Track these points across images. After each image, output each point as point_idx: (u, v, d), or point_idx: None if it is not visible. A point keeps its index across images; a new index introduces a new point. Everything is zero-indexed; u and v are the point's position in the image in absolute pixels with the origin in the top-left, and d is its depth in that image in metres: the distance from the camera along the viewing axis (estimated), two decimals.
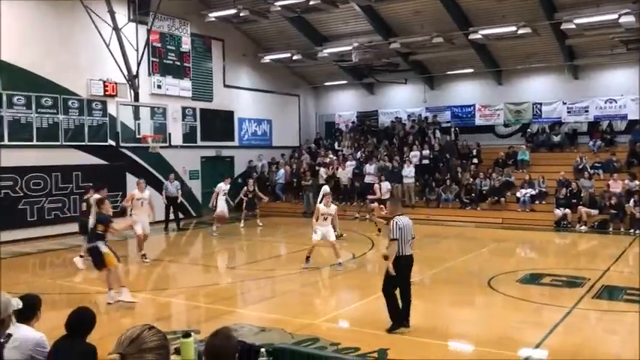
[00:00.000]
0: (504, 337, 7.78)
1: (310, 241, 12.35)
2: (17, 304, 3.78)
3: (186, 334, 3.94)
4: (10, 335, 3.76)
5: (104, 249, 9.39)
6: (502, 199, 19.73)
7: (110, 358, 2.05)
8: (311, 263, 12.13)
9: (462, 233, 17.57)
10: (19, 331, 3.96)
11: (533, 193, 19.55)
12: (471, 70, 23.43)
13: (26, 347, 4.08)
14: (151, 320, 8.81)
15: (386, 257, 7.88)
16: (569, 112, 22.52)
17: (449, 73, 24.17)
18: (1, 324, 3.70)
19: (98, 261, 9.47)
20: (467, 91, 24.76)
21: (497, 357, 6.85)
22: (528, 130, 23.25)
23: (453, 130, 23.89)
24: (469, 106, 24.53)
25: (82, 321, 4.47)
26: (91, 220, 9.80)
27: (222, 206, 17.58)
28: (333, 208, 12.69)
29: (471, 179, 20.89)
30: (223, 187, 17.74)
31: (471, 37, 19.69)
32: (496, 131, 24.09)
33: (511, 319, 8.76)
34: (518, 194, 19.69)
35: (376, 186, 19.83)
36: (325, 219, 12.35)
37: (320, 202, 12.89)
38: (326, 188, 14.98)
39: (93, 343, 4.43)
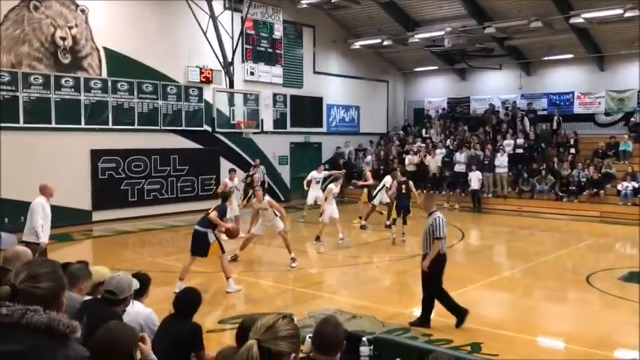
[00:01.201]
0: (603, 337, 7.45)
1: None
2: (135, 284, 4.05)
3: (290, 319, 4.04)
4: (124, 311, 4.03)
5: (211, 239, 9.38)
6: (601, 191, 18.73)
7: (248, 343, 2.19)
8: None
9: (557, 227, 16.87)
10: (132, 307, 4.23)
11: (636, 186, 18.42)
12: (571, 56, 22.27)
13: (137, 322, 4.37)
14: (241, 301, 9.14)
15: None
16: None
17: (546, 58, 23.11)
18: (124, 301, 3.96)
19: (200, 247, 9.36)
20: (565, 78, 23.58)
21: (593, 357, 6.57)
22: (632, 119, 21.80)
23: (555, 118, 22.77)
24: (568, 94, 23.38)
25: (188, 301, 4.74)
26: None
27: (312, 196, 16.88)
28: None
29: (569, 170, 19.95)
30: (316, 175, 17.08)
31: (572, 21, 18.71)
32: (596, 120, 22.83)
33: (610, 319, 8.37)
34: (619, 187, 18.61)
35: (367, 173, 17.68)
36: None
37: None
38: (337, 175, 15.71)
39: (198, 322, 4.68)
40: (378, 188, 15.56)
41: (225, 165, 19.64)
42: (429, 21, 22.68)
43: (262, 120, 20.51)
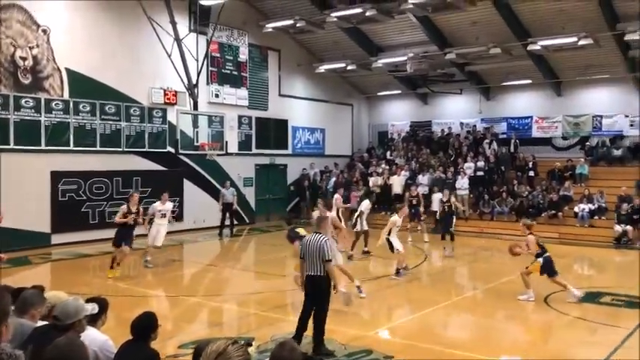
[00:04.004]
0: (560, 356, 7.61)
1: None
2: (92, 308, 3.96)
3: (248, 344, 4.05)
4: (77, 337, 3.94)
5: None
6: (559, 213, 19.22)
7: None
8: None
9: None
10: (86, 334, 4.13)
11: (592, 208, 18.98)
12: (529, 81, 22.97)
13: (91, 349, 4.27)
14: (203, 326, 9.05)
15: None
16: (631, 125, 21.76)
17: (505, 83, 23.78)
18: (72, 327, 3.84)
19: None
20: (524, 103, 24.29)
21: None
22: (587, 143, 22.58)
23: (513, 141, 23.39)
24: (526, 118, 24.06)
25: (144, 326, 4.64)
26: None
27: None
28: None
29: (527, 192, 20.44)
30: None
31: (530, 47, 19.34)
32: (554, 144, 23.50)
33: (568, 338, 8.57)
34: (576, 209, 19.14)
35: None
36: None
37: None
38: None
39: (155, 348, 4.62)
40: (356, 215, 15.31)
41: (189, 187, 19.54)
42: (391, 46, 23.13)
43: (227, 142, 20.48)
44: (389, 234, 12.21)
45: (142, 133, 18.55)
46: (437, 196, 20.16)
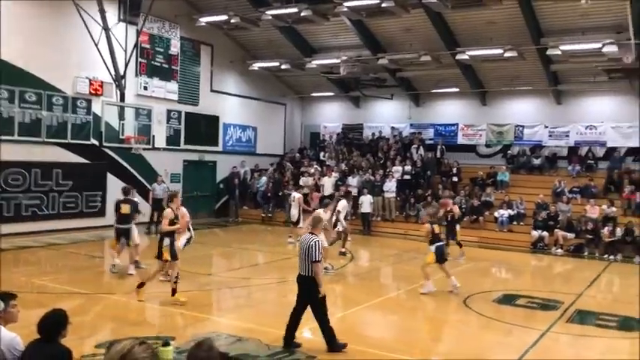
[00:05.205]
0: (477, 356, 7.86)
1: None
2: None
3: (166, 343, 3.94)
4: None
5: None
6: (480, 218, 19.93)
7: None
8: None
9: None
10: None
11: (512, 213, 19.81)
12: (457, 90, 23.70)
13: None
14: (124, 325, 8.75)
15: None
16: (550, 135, 22.88)
17: (434, 91, 24.44)
18: None
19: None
20: (451, 110, 25.04)
21: None
22: (509, 151, 23.57)
23: (439, 147, 24.09)
24: (452, 125, 24.80)
25: (52, 323, 4.42)
26: None
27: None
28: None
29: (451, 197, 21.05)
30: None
31: (458, 57, 19.96)
32: (478, 151, 24.35)
33: (485, 339, 8.87)
34: (496, 214, 19.91)
35: (298, 195, 17.76)
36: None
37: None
38: None
39: (67, 346, 4.41)
40: (334, 216, 14.83)
41: (112, 180, 18.90)
42: (326, 48, 23.28)
43: (154, 136, 19.96)
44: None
45: (64, 123, 17.78)
46: (366, 198, 20.55)
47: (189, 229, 11.71)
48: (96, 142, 18.57)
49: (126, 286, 11.06)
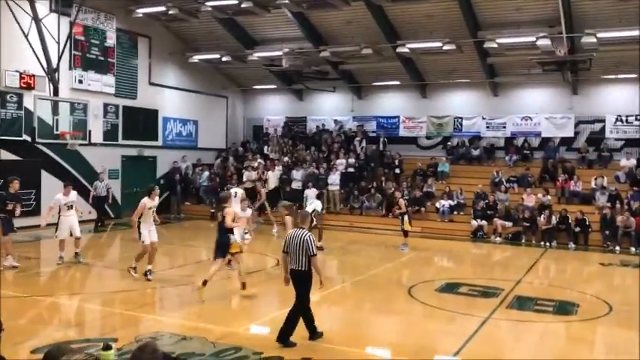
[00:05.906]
0: (422, 345, 7.99)
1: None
2: None
3: (107, 347, 3.78)
4: None
5: None
6: (422, 208, 20.27)
7: None
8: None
9: (384, 241, 17.89)
10: None
11: (452, 204, 20.25)
12: (398, 83, 23.99)
13: None
14: (61, 327, 8.43)
15: None
16: (487, 127, 23.51)
17: (376, 84, 24.66)
18: None
19: None
20: (393, 103, 25.32)
21: None
22: (449, 143, 24.07)
23: (382, 140, 24.32)
24: (394, 117, 25.11)
25: None
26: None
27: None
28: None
29: (393, 189, 21.32)
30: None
31: (399, 50, 20.19)
32: (419, 143, 24.75)
33: (429, 328, 9.03)
34: (437, 205, 20.31)
35: (262, 190, 19.70)
36: None
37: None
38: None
39: (2, 354, 4.19)
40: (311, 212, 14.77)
41: (47, 178, 18.16)
42: (268, 40, 23.07)
43: (90, 131, 19.22)
44: (140, 217, 11.61)
45: None
46: (310, 192, 20.50)
47: None
48: (28, 139, 17.78)
49: (63, 288, 10.65)
